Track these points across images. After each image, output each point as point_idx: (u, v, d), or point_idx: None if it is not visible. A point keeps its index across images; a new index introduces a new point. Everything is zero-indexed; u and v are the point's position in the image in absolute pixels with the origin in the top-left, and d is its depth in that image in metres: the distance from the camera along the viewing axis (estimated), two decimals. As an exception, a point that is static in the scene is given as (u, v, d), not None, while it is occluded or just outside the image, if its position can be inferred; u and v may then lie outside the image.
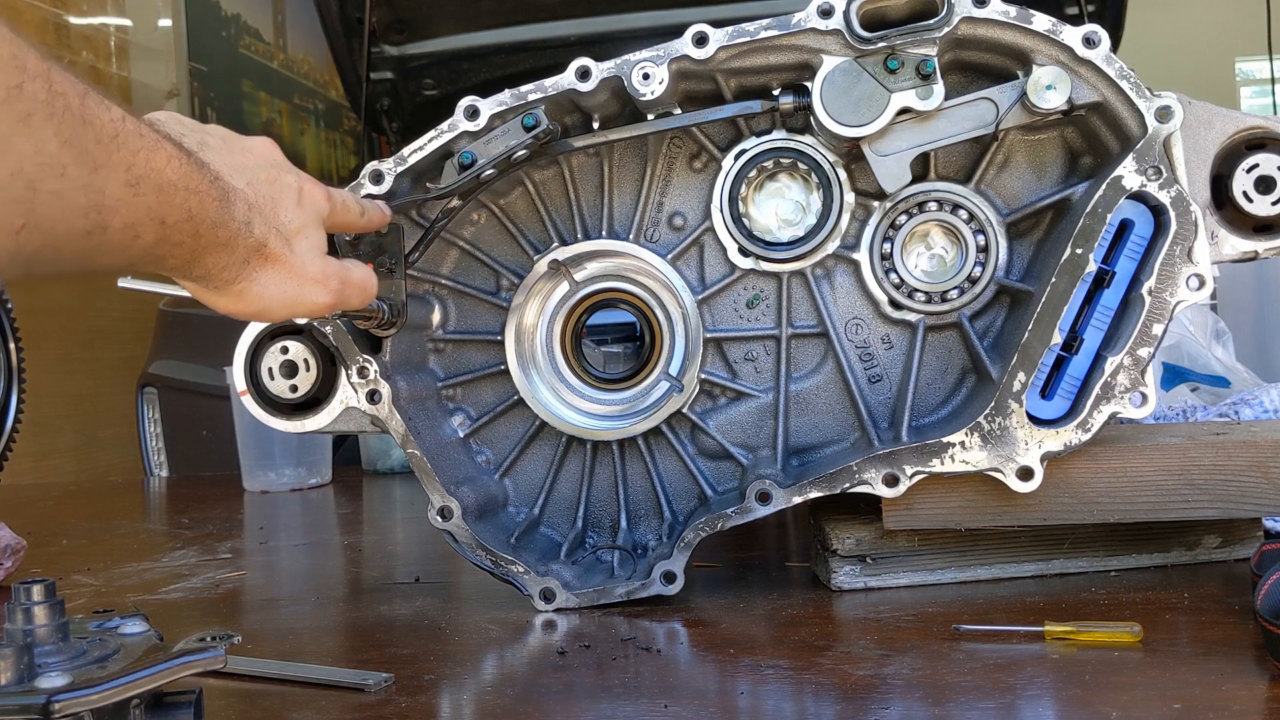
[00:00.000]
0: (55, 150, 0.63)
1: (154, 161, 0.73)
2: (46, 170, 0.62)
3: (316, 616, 1.26)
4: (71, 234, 0.67)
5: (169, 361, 3.11)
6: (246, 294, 0.90)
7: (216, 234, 0.82)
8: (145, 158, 0.72)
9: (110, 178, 0.68)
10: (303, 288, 0.94)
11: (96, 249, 0.69)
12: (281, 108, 5.54)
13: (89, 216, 0.67)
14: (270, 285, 0.91)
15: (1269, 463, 1.10)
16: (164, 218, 0.75)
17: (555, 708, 0.90)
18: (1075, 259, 1.09)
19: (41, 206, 0.63)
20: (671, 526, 1.25)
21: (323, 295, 0.95)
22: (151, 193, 0.73)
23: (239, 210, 0.86)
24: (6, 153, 0.59)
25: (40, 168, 0.62)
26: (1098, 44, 1.10)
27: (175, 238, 0.77)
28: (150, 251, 0.76)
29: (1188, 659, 0.93)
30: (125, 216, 0.71)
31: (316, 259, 0.95)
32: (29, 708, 0.65)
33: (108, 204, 0.68)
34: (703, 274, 1.27)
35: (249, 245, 0.87)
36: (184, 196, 0.77)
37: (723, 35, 1.15)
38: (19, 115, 0.60)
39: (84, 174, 0.66)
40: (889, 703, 0.87)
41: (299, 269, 0.93)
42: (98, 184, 0.67)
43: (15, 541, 1.46)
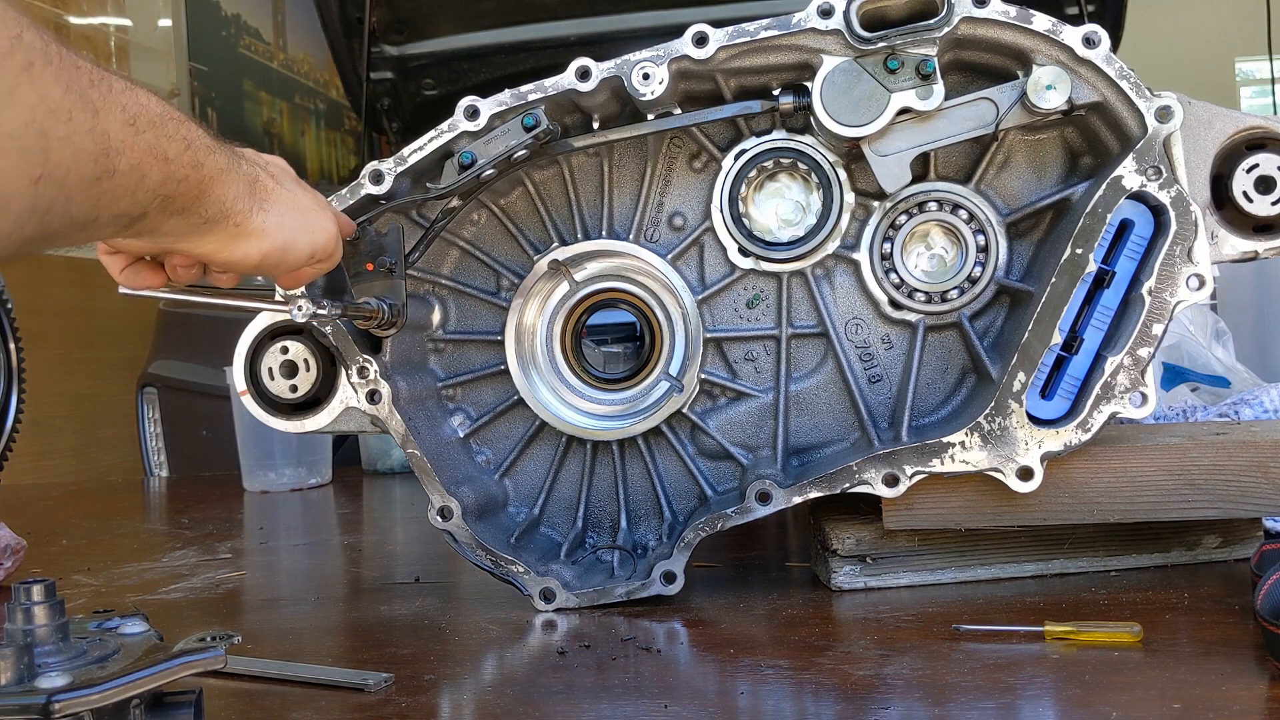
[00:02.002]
0: (59, 96, 0.63)
1: (139, 99, 0.73)
2: (55, 117, 0.62)
3: (316, 616, 1.26)
4: (83, 180, 0.66)
5: (169, 361, 3.11)
6: (266, 227, 0.89)
7: (215, 160, 0.82)
8: (132, 96, 0.72)
9: (111, 119, 0.68)
10: (308, 216, 0.94)
11: (106, 194, 0.69)
12: (281, 108, 5.54)
13: (98, 161, 0.67)
14: (286, 214, 0.90)
15: (1269, 463, 1.10)
16: (165, 152, 0.75)
17: (555, 708, 0.90)
18: (1075, 259, 1.09)
19: (54, 154, 0.62)
20: (671, 526, 1.25)
21: (328, 221, 0.96)
22: (149, 129, 0.73)
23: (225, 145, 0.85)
24: (16, 102, 0.59)
25: (49, 114, 0.62)
26: (1098, 44, 1.10)
27: (179, 172, 0.77)
28: (158, 191, 0.75)
29: (1188, 659, 0.93)
30: (130, 157, 0.70)
31: (305, 189, 0.95)
32: (29, 708, 0.65)
33: (113, 146, 0.68)
34: (703, 274, 1.27)
35: (246, 174, 0.87)
36: (176, 126, 0.76)
37: (723, 35, 1.15)
38: (22, 65, 0.59)
39: (88, 118, 0.65)
40: (889, 703, 0.87)
41: (298, 197, 0.93)
42: (101, 127, 0.67)
43: (15, 541, 1.46)
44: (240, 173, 0.86)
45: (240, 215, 0.86)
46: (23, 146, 0.60)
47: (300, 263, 0.95)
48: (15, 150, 0.60)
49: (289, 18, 5.66)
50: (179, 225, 0.82)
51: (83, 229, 0.71)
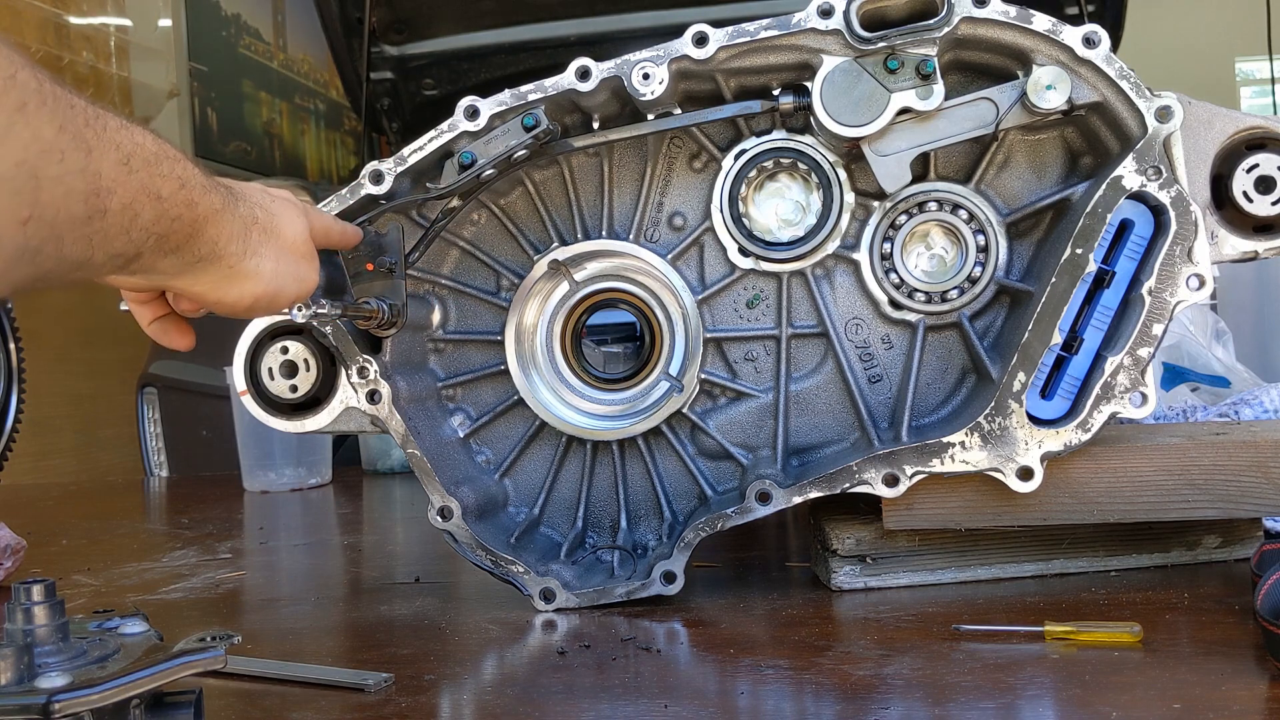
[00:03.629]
0: (52, 136, 0.62)
1: (134, 137, 0.72)
2: (47, 157, 0.62)
3: (316, 616, 1.26)
4: (73, 221, 0.66)
5: (169, 361, 3.11)
6: (261, 272, 0.89)
7: (210, 200, 0.81)
8: (127, 135, 0.71)
9: (104, 158, 0.68)
10: (300, 264, 0.94)
11: (98, 234, 0.69)
12: (281, 108, 5.54)
13: (89, 201, 0.67)
14: (279, 260, 0.91)
15: (1269, 463, 1.10)
16: (158, 191, 0.74)
17: (555, 708, 0.90)
18: (1075, 259, 1.09)
19: (44, 195, 0.62)
20: (671, 526, 1.25)
21: (313, 272, 0.96)
22: (143, 168, 0.72)
23: (221, 183, 0.85)
24: (9, 141, 0.59)
25: (41, 154, 0.61)
26: (1098, 44, 1.10)
27: (173, 211, 0.77)
28: (151, 230, 0.75)
29: (1188, 659, 0.93)
30: (122, 196, 0.70)
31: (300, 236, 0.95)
32: (29, 708, 0.65)
33: (105, 185, 0.68)
34: (703, 274, 1.27)
35: (243, 215, 0.87)
36: (170, 165, 0.76)
37: (723, 35, 1.15)
38: (16, 105, 0.59)
39: (80, 158, 0.65)
40: (889, 703, 0.87)
41: (294, 244, 0.93)
42: (94, 166, 0.66)
43: (15, 541, 1.46)
44: (236, 214, 0.86)
45: (234, 257, 0.86)
46: (13, 188, 0.60)
47: (285, 306, 0.96)
48: (5, 192, 0.59)
49: (289, 18, 5.66)
50: (174, 264, 0.81)
51: (78, 268, 0.70)
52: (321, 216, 1.05)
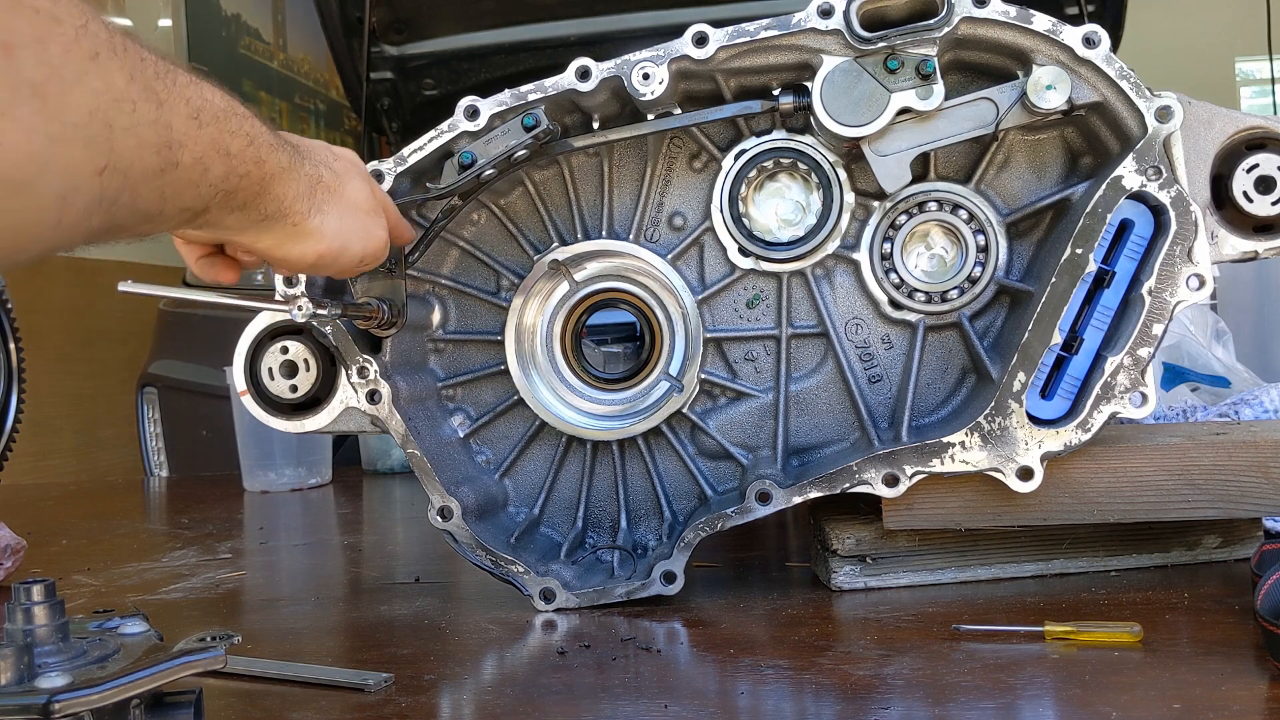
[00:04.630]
0: (123, 86, 0.62)
1: (204, 93, 0.72)
2: (119, 107, 0.62)
3: (316, 616, 1.26)
4: (147, 173, 0.66)
5: (169, 361, 3.11)
6: (324, 229, 0.89)
7: (277, 158, 0.82)
8: (197, 90, 0.71)
9: (175, 111, 0.68)
10: (367, 221, 0.94)
11: (169, 187, 0.69)
12: (281, 108, 5.54)
13: (161, 153, 0.67)
14: (343, 219, 0.91)
15: (1269, 463, 1.10)
16: (228, 147, 0.75)
17: (555, 708, 0.90)
18: (1075, 259, 1.09)
19: (118, 144, 0.62)
20: (671, 526, 1.25)
21: (380, 229, 0.97)
22: (212, 123, 0.72)
23: (287, 141, 0.86)
24: (82, 90, 0.59)
25: (113, 104, 0.61)
26: (1098, 44, 1.10)
27: (241, 168, 0.77)
28: (220, 186, 0.75)
29: (1188, 659, 0.93)
30: (193, 150, 0.70)
31: (367, 194, 0.96)
32: (29, 708, 0.65)
33: (176, 138, 0.68)
34: (703, 274, 1.27)
35: (309, 174, 0.87)
36: (239, 122, 0.76)
37: (723, 35, 1.15)
38: (88, 53, 0.59)
39: (151, 109, 0.65)
40: (889, 703, 0.87)
41: (358, 201, 0.94)
42: (165, 118, 0.66)
43: (15, 541, 1.46)
44: (302, 172, 0.86)
45: (299, 215, 0.87)
46: (88, 136, 0.59)
47: (352, 266, 0.96)
48: (81, 140, 0.59)
49: (289, 18, 5.66)
50: (240, 220, 0.82)
51: (148, 221, 0.71)
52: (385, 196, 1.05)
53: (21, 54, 0.54)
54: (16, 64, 0.54)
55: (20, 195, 0.56)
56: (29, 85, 0.55)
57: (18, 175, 0.55)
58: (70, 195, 0.59)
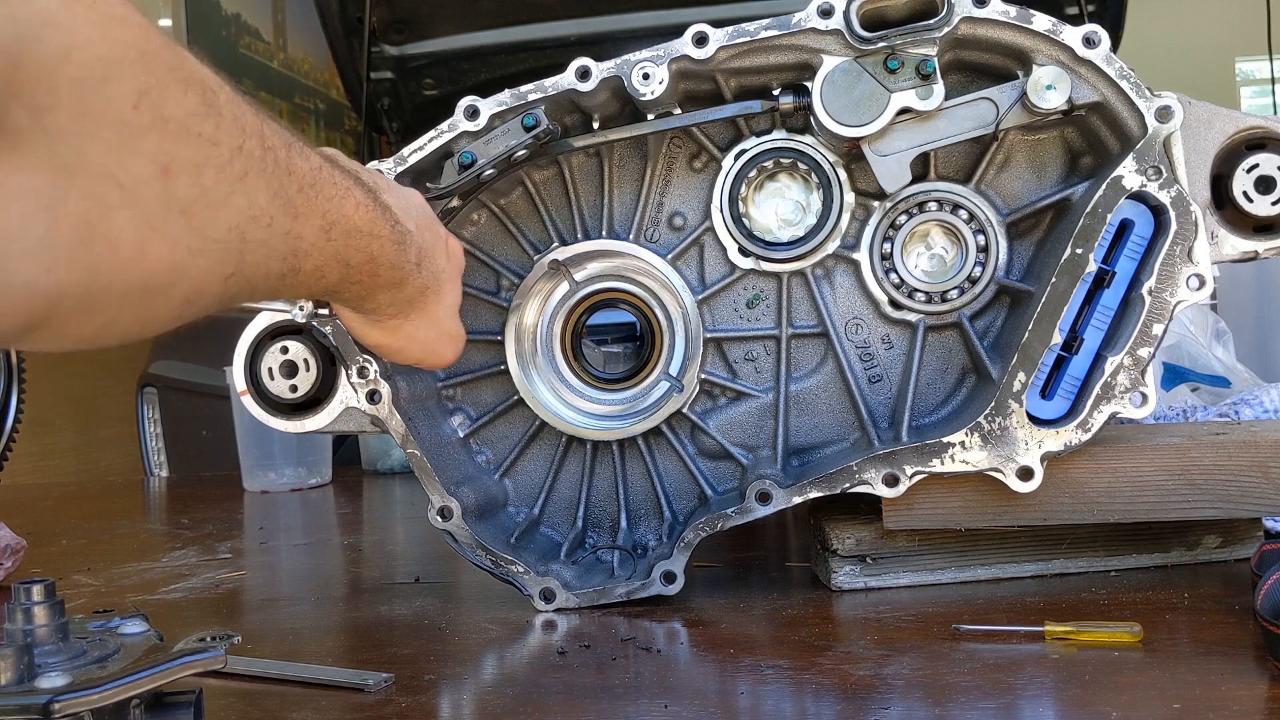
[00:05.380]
0: (265, 203, 0.65)
1: (344, 208, 0.76)
2: (256, 223, 0.65)
3: (316, 616, 1.26)
4: (269, 277, 0.70)
5: (169, 361, 3.11)
6: (399, 331, 0.95)
7: (391, 275, 0.87)
8: (337, 204, 0.75)
9: (308, 225, 0.71)
10: (439, 340, 1.00)
11: (286, 288, 0.73)
12: (281, 108, 5.54)
13: (286, 261, 0.70)
14: (419, 329, 0.97)
15: (1269, 463, 1.10)
16: (348, 260, 0.79)
17: (555, 708, 0.90)
18: (1075, 259, 1.09)
19: (249, 255, 0.65)
20: (671, 526, 1.25)
21: (449, 354, 1.02)
22: (341, 238, 0.76)
23: (411, 254, 0.89)
24: (226, 209, 0.62)
25: (251, 220, 0.64)
26: (1098, 44, 1.10)
27: (355, 277, 0.82)
28: (332, 289, 0.80)
29: (1188, 659, 0.93)
30: (315, 260, 0.74)
31: (454, 316, 1.01)
32: (29, 708, 0.65)
33: (303, 249, 0.72)
34: (703, 274, 1.27)
35: (415, 287, 0.92)
36: (367, 241, 0.81)
37: (723, 35, 1.15)
38: (238, 174, 0.62)
39: (286, 222, 0.68)
40: (889, 703, 0.87)
41: (441, 321, 0.99)
42: (297, 230, 0.70)
43: (15, 541, 1.46)
44: (412, 285, 0.91)
45: (388, 316, 0.93)
46: (223, 249, 0.63)
47: (400, 361, 1.02)
48: (217, 251, 0.62)
49: (289, 18, 5.66)
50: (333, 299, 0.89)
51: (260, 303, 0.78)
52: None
53: (178, 178, 0.58)
54: (172, 186, 0.57)
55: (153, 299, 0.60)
56: (179, 205, 0.58)
57: (154, 283, 0.59)
58: (196, 298, 0.63)
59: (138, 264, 0.57)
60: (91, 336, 0.60)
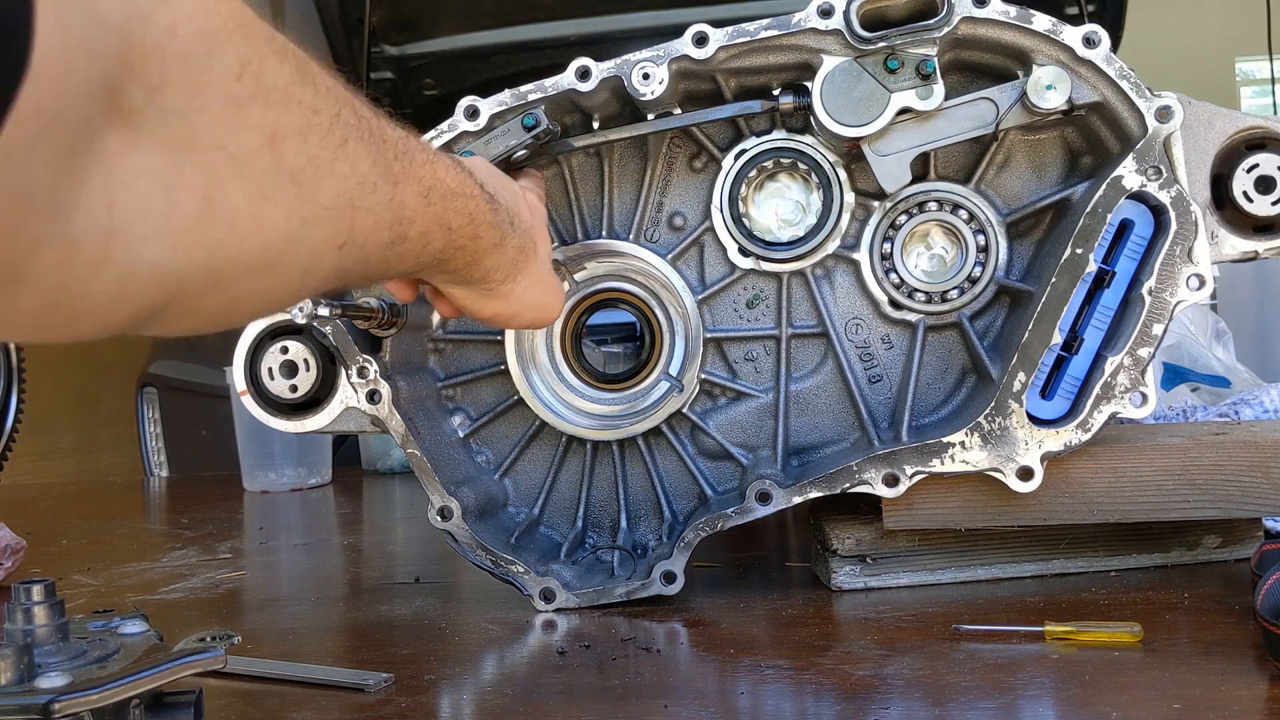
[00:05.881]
0: (367, 170, 0.66)
1: (437, 172, 0.77)
2: (362, 189, 0.66)
3: (316, 616, 1.26)
4: (379, 246, 0.71)
5: (169, 361, 3.11)
6: (511, 295, 0.96)
7: (491, 235, 0.88)
8: (430, 169, 0.76)
9: (407, 191, 0.72)
10: (547, 296, 1.00)
11: (396, 257, 0.75)
12: (281, 108, 5.53)
13: (393, 229, 0.72)
14: (528, 290, 0.97)
15: (1269, 463, 1.10)
16: (449, 224, 0.80)
17: (555, 708, 0.90)
18: (1075, 259, 1.09)
19: (359, 223, 0.66)
20: (671, 526, 1.25)
21: (557, 307, 1.02)
22: (439, 201, 0.77)
23: (502, 214, 0.90)
24: (332, 175, 0.63)
25: (358, 187, 0.65)
26: (1098, 44, 1.10)
27: (459, 241, 0.83)
28: (438, 256, 0.81)
29: (1188, 659, 0.93)
30: (419, 226, 0.75)
31: (550, 269, 1.01)
32: (29, 708, 0.65)
33: (406, 215, 0.73)
34: (703, 274, 1.27)
35: (515, 246, 0.93)
36: (463, 202, 0.82)
37: (723, 35, 1.15)
38: (339, 140, 0.63)
39: (388, 189, 0.70)
40: (889, 703, 0.87)
41: (543, 275, 0.99)
42: (399, 198, 0.71)
43: (15, 541, 1.46)
44: (511, 245, 0.92)
45: (495, 282, 0.93)
46: (335, 217, 0.64)
47: (518, 327, 1.04)
48: (328, 220, 0.63)
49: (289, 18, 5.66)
50: (445, 279, 0.90)
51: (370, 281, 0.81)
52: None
53: (285, 145, 0.58)
54: (279, 154, 0.58)
55: (272, 271, 0.61)
56: (289, 173, 0.59)
57: (273, 254, 0.60)
58: (313, 269, 0.64)
59: (255, 235, 0.58)
60: (218, 315, 0.61)
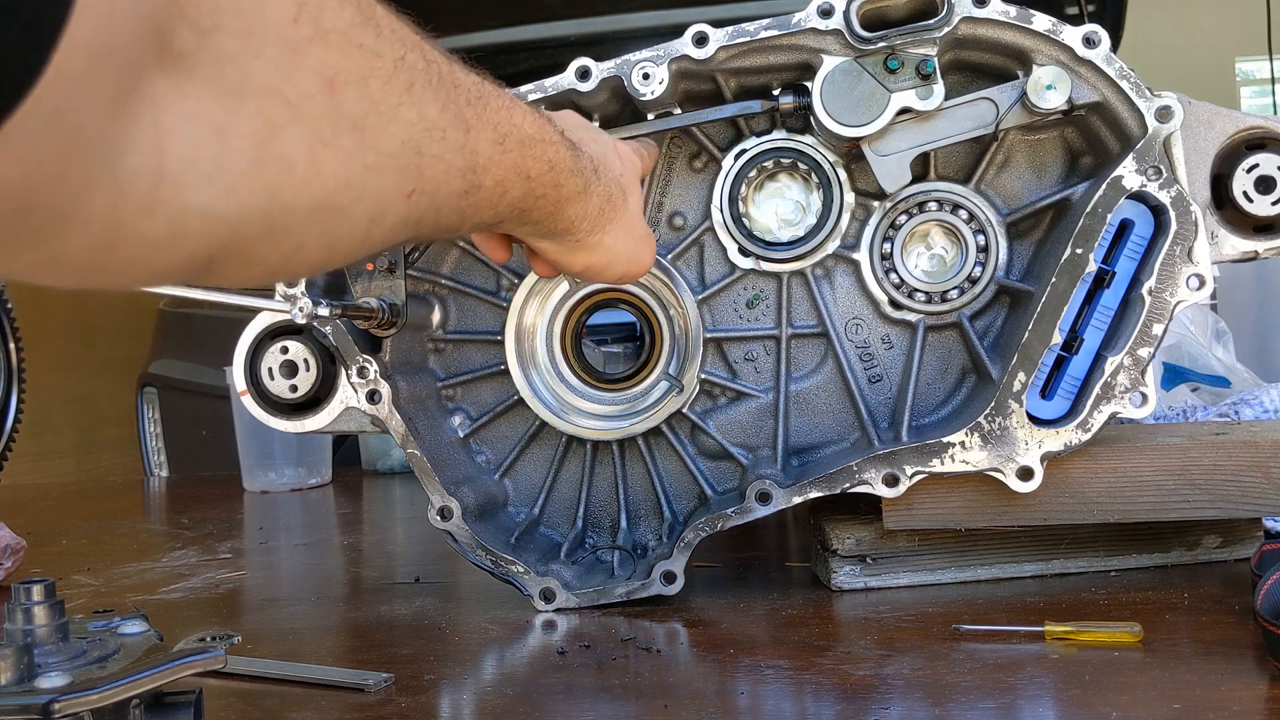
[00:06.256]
0: (435, 115, 0.64)
1: (513, 118, 0.75)
2: (430, 136, 0.64)
3: (316, 616, 1.26)
4: (451, 195, 0.69)
5: (169, 361, 3.11)
6: (600, 246, 0.93)
7: (574, 182, 0.85)
8: (506, 115, 0.74)
9: (481, 137, 0.70)
10: (638, 246, 0.97)
11: (470, 207, 0.72)
12: (281, 108, 5.53)
13: (466, 177, 0.69)
14: (618, 240, 0.94)
15: (1269, 463, 1.10)
16: (528, 171, 0.77)
17: (555, 708, 0.90)
18: (1075, 259, 1.09)
19: (427, 171, 0.65)
20: (671, 526, 1.25)
21: (649, 257, 0.99)
22: (516, 148, 0.75)
23: (585, 161, 0.88)
24: (397, 122, 0.61)
25: (425, 133, 0.64)
26: (1098, 44, 1.10)
27: (539, 190, 0.80)
28: (516, 205, 0.79)
29: (1188, 659, 0.93)
30: (495, 174, 0.73)
31: (641, 218, 0.98)
32: (29, 708, 0.65)
33: (480, 163, 0.71)
34: (703, 274, 1.27)
35: (601, 194, 0.90)
36: (542, 148, 0.79)
37: (723, 35, 1.15)
38: (404, 85, 0.61)
39: (459, 136, 0.67)
40: (889, 703, 0.87)
41: (633, 225, 0.96)
42: (471, 144, 0.69)
43: (15, 541, 1.46)
44: (596, 193, 0.89)
45: (583, 233, 0.91)
46: (400, 165, 0.62)
47: (609, 280, 1.00)
48: (393, 168, 0.62)
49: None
50: (529, 231, 0.87)
51: (447, 233, 0.77)
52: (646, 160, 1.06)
53: (345, 90, 0.57)
54: (339, 99, 0.56)
55: (335, 219, 0.59)
56: (350, 119, 0.57)
57: (334, 201, 0.58)
58: (379, 217, 0.62)
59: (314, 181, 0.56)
60: (281, 264, 0.59)
